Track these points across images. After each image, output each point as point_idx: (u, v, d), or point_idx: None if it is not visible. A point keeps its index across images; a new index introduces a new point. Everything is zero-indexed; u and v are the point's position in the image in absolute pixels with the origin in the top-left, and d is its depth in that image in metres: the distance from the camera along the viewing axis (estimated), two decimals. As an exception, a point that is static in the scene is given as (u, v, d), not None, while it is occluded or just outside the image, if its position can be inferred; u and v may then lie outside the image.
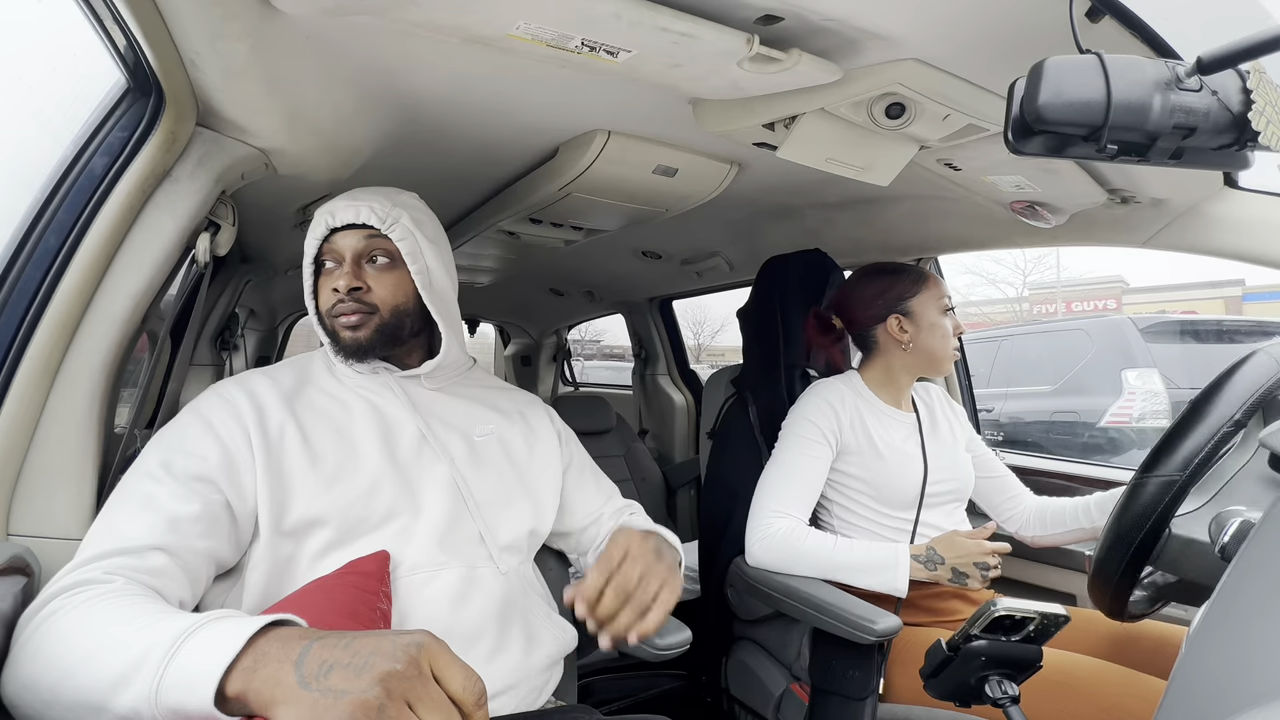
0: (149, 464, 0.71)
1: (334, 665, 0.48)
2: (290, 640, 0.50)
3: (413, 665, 0.48)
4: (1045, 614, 0.72)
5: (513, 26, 0.68)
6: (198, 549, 0.68)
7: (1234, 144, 0.58)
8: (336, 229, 0.85)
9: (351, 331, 0.84)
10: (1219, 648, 0.53)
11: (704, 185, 1.25)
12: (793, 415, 1.26)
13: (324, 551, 0.75)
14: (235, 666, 0.49)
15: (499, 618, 0.81)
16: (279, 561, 0.74)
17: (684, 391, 2.64)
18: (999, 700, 0.72)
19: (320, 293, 0.87)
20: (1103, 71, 0.55)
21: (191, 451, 0.73)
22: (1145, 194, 1.01)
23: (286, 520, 0.74)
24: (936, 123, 0.87)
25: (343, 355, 0.85)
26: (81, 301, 0.73)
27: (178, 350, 1.32)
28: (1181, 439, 0.73)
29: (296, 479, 0.76)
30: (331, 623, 0.66)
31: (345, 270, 0.84)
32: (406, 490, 0.81)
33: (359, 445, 0.81)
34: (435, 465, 0.84)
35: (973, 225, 1.31)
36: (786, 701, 1.20)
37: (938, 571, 1.09)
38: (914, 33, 0.71)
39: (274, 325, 2.75)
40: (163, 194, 0.78)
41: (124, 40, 0.70)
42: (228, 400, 0.78)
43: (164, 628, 0.53)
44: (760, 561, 1.16)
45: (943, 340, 1.22)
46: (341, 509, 0.76)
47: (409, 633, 0.51)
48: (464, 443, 0.89)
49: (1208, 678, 0.53)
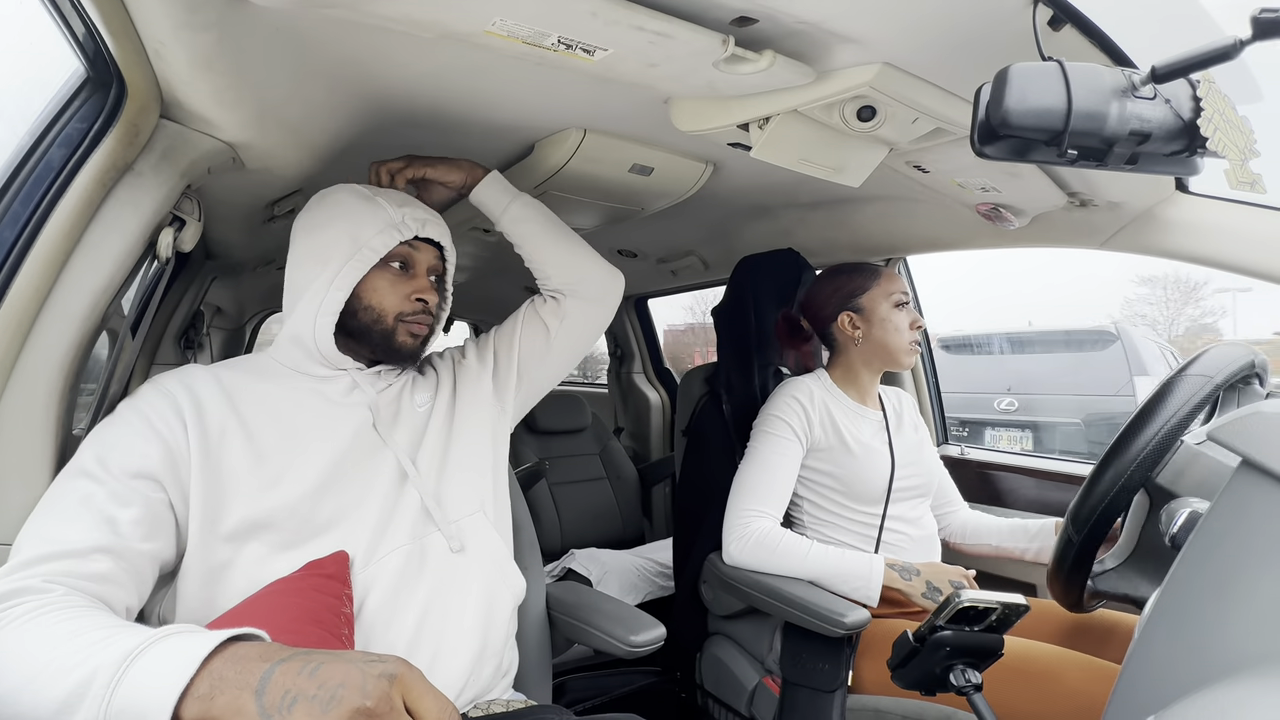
0: (85, 462, 0.67)
1: (298, 697, 0.45)
2: (249, 662, 0.47)
3: (384, 701, 0.45)
4: (1007, 604, 0.74)
5: (489, 23, 0.67)
6: (141, 550, 0.65)
7: (1185, 150, 0.61)
8: (420, 238, 0.87)
9: (414, 339, 0.87)
10: (1170, 632, 0.55)
11: (680, 184, 1.26)
12: (763, 413, 1.28)
13: (270, 555, 0.72)
14: (189, 693, 0.46)
15: (452, 581, 0.80)
16: (213, 568, 0.70)
17: (659, 390, 2.65)
18: (963, 688, 0.74)
19: (381, 291, 0.85)
20: (1064, 78, 0.57)
21: (130, 448, 0.69)
22: (1102, 198, 1.05)
23: (224, 524, 0.71)
24: (906, 126, 0.89)
25: (385, 355, 0.86)
26: (38, 298, 0.71)
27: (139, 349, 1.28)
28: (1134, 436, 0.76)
29: (238, 480, 0.73)
30: (295, 629, 0.64)
31: (424, 282, 0.88)
32: (354, 482, 0.79)
33: (309, 444, 0.79)
34: (383, 452, 0.83)
35: (940, 226, 1.34)
36: (759, 695, 1.22)
37: (912, 583, 1.11)
38: (884, 37, 0.73)
39: (241, 323, 2.68)
40: (124, 188, 0.76)
41: (83, 29, 0.68)
42: (166, 394, 0.74)
43: (112, 646, 0.50)
44: (737, 561, 1.17)
45: (895, 334, 1.25)
46: (289, 509, 0.74)
47: (381, 660, 0.48)
48: (408, 421, 0.88)
49: (1160, 661, 0.55)
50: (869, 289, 1.27)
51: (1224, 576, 0.52)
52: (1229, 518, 0.53)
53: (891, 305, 1.26)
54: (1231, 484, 0.54)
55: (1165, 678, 0.54)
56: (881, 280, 1.28)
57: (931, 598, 1.10)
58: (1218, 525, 0.54)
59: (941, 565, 1.16)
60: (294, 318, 0.85)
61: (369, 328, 0.85)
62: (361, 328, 0.85)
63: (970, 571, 1.16)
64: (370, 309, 0.85)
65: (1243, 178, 0.59)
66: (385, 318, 0.85)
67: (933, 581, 1.11)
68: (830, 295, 1.31)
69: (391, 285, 0.85)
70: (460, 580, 0.81)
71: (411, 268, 0.88)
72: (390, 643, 0.74)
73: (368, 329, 0.85)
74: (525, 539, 1.05)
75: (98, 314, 0.76)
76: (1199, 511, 0.70)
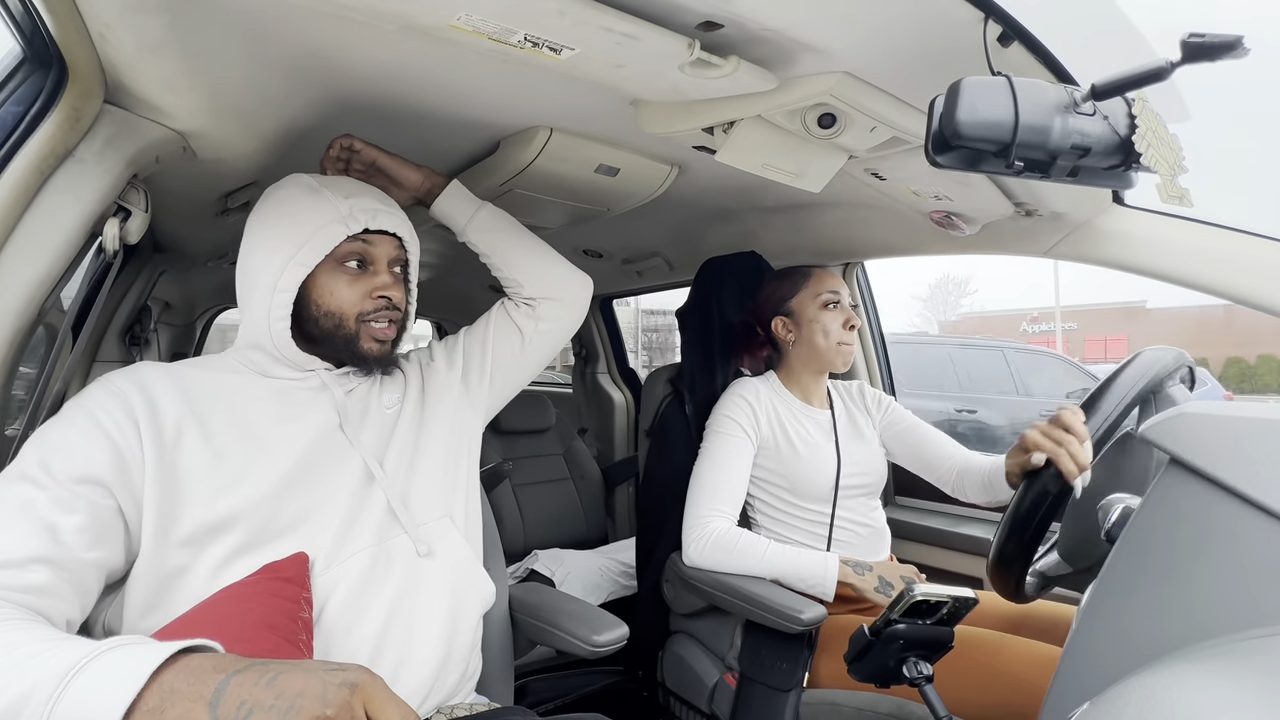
0: (26, 465, 0.63)
1: (255, 707, 0.43)
2: (203, 674, 0.45)
3: (345, 709, 0.44)
4: (957, 597, 0.77)
5: (454, 17, 0.67)
6: (85, 560, 0.61)
7: (1121, 165, 0.64)
8: (371, 231, 0.81)
9: (380, 344, 0.83)
10: (1105, 622, 0.58)
11: (645, 186, 1.27)
12: (714, 414, 1.30)
13: (230, 558, 0.69)
14: (137, 707, 0.43)
15: (417, 585, 0.78)
16: (167, 573, 0.67)
17: (623, 390, 2.65)
18: (915, 679, 0.77)
19: (337, 292, 0.80)
20: (1011, 93, 0.60)
21: (76, 451, 0.64)
22: (1046, 208, 1.10)
23: (179, 528, 0.67)
24: (864, 134, 0.91)
25: (350, 361, 0.82)
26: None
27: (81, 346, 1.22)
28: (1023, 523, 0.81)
29: (194, 481, 0.69)
30: (250, 636, 0.62)
31: (385, 277, 0.83)
32: (319, 484, 0.76)
33: (269, 443, 0.75)
34: (349, 452, 0.80)
35: (896, 233, 1.38)
36: (719, 691, 1.24)
37: (865, 578, 1.14)
38: (845, 47, 0.75)
39: (191, 320, 2.58)
40: (64, 175, 0.72)
41: (19, 6, 0.64)
42: (116, 393, 0.69)
43: (52, 659, 0.47)
44: (696, 563, 1.19)
45: (822, 336, 1.28)
46: (249, 510, 0.70)
47: (342, 669, 0.47)
48: (375, 422, 0.85)
49: (1096, 648, 0.59)
50: (798, 292, 1.32)
51: (1154, 568, 0.56)
52: (1159, 513, 0.57)
53: (819, 306, 1.29)
54: (1160, 481, 0.57)
55: (1101, 664, 0.57)
56: (810, 283, 1.31)
57: (884, 592, 1.13)
58: (1148, 520, 0.57)
59: (893, 563, 1.20)
60: (247, 322, 0.81)
61: (330, 334, 0.80)
62: (323, 334, 0.80)
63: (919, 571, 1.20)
64: (330, 314, 0.80)
65: (1172, 192, 0.63)
66: (346, 321, 0.81)
67: (885, 577, 1.15)
68: (766, 300, 1.36)
69: (349, 285, 0.80)
70: (427, 585, 0.79)
71: (370, 263, 0.82)
72: (352, 650, 0.72)
73: (329, 335, 0.80)
74: (488, 540, 1.04)
75: (34, 308, 0.72)
76: (1131, 507, 0.74)
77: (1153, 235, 1.02)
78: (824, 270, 1.34)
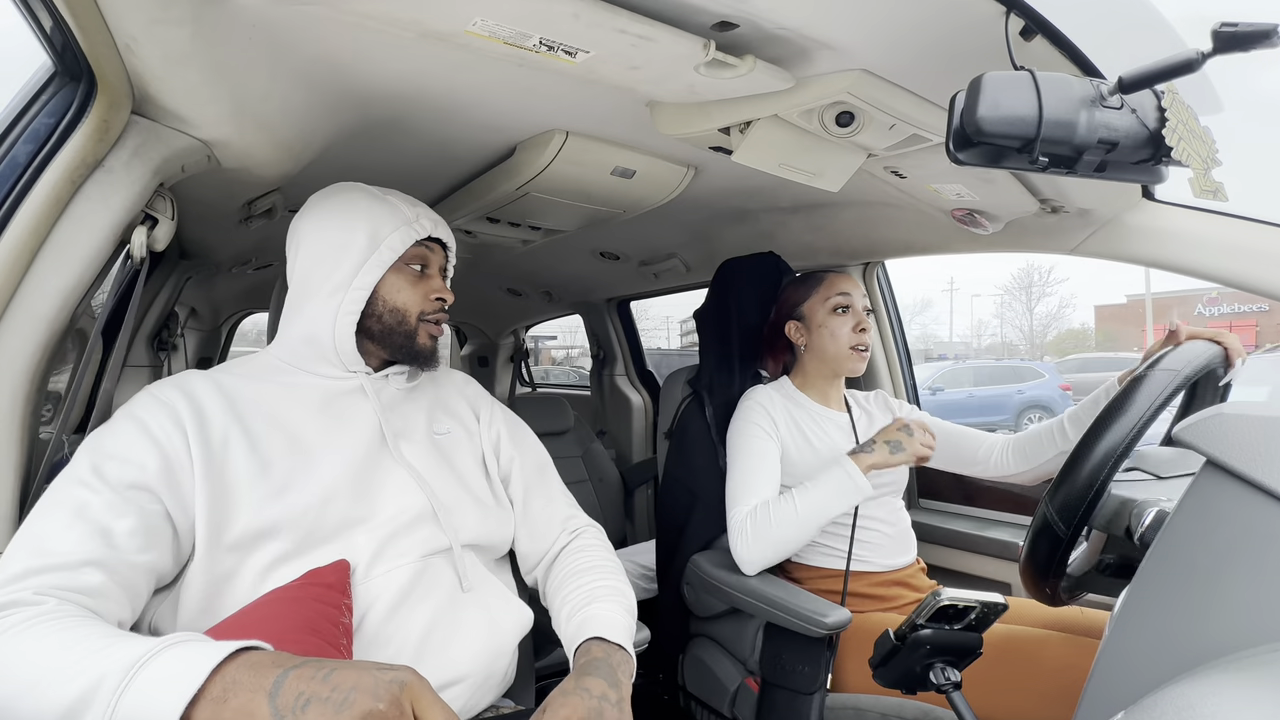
0: (80, 470, 0.66)
1: (311, 699, 0.45)
2: (262, 667, 0.48)
3: (395, 705, 0.46)
4: (986, 603, 0.76)
5: (469, 23, 0.67)
6: (136, 563, 0.63)
7: (1150, 159, 0.63)
8: (431, 238, 0.87)
9: (433, 341, 0.88)
10: (1140, 627, 0.57)
11: (661, 188, 1.27)
12: (733, 426, 1.29)
13: (275, 564, 0.70)
14: (201, 697, 0.46)
15: (456, 608, 0.79)
16: (217, 577, 0.69)
17: (641, 392, 2.65)
18: (942, 686, 0.75)
19: (403, 291, 0.85)
20: (1035, 87, 0.59)
21: (127, 458, 0.67)
22: (1072, 204, 1.07)
23: (229, 534, 0.69)
24: (883, 132, 0.90)
25: (404, 356, 0.86)
26: (2, 299, 0.69)
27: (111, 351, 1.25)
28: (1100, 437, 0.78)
29: (242, 489, 0.71)
30: (293, 639, 0.63)
31: (440, 281, 0.89)
32: (365, 495, 0.78)
33: (314, 451, 0.77)
34: (395, 467, 0.82)
35: (917, 231, 1.36)
36: (741, 696, 1.23)
37: (877, 452, 1.14)
38: (862, 44, 0.74)
39: (217, 325, 2.63)
40: (94, 185, 0.74)
41: (50, 21, 0.66)
42: (164, 403, 0.72)
43: (116, 653, 0.49)
44: (755, 560, 1.14)
45: (831, 340, 1.27)
46: (294, 519, 0.72)
47: (392, 668, 0.49)
48: (425, 442, 0.87)
49: (1130, 657, 0.57)
50: (810, 297, 1.31)
51: (1191, 573, 0.54)
52: (1195, 516, 0.55)
53: (829, 311, 1.28)
54: (1196, 483, 0.55)
55: (1136, 673, 0.55)
56: (821, 287, 1.30)
57: (897, 451, 1.13)
58: (1184, 523, 0.56)
59: (883, 428, 1.18)
60: (305, 318, 0.83)
61: (392, 329, 0.85)
62: (384, 329, 0.84)
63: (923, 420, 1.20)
64: (395, 310, 0.85)
65: (1206, 186, 0.61)
66: (409, 318, 0.85)
67: (889, 440, 1.15)
68: (781, 305, 1.36)
69: (412, 285, 0.86)
70: (466, 609, 0.79)
71: (428, 267, 0.88)
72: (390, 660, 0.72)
73: (391, 330, 0.85)
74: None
75: (66, 315, 0.74)
76: (1166, 510, 0.72)
77: (1187, 231, 0.99)
78: (837, 274, 1.32)
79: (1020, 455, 1.26)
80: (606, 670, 0.71)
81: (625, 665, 0.75)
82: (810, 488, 1.14)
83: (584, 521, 1.00)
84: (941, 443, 1.33)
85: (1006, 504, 1.58)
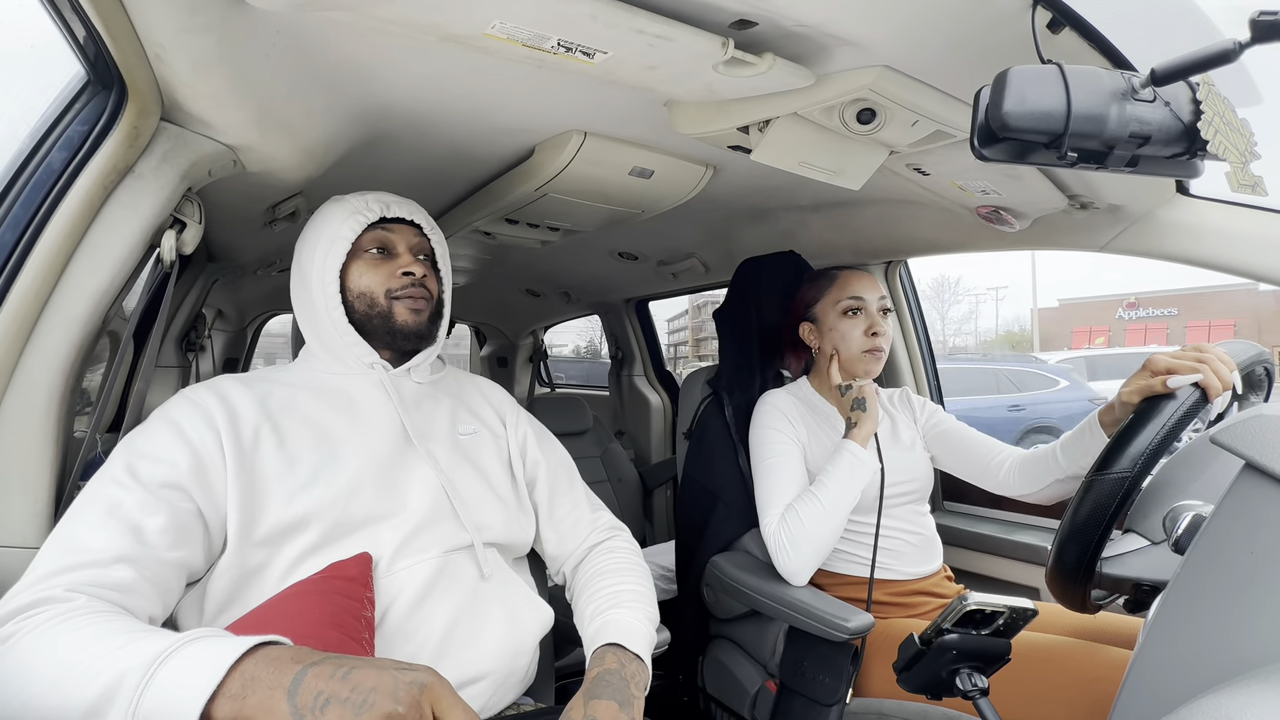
0: (114, 470, 0.68)
1: (331, 698, 0.46)
2: (281, 664, 0.48)
3: (415, 708, 0.46)
4: (1014, 608, 0.74)
5: (488, 25, 0.67)
6: (167, 560, 0.65)
7: (1185, 153, 0.61)
8: (389, 220, 0.88)
9: (415, 315, 0.87)
10: (1175, 637, 0.55)
11: (680, 187, 1.26)
12: (754, 431, 1.28)
13: (302, 557, 0.72)
14: (221, 692, 0.46)
15: (478, 605, 0.79)
16: (247, 570, 0.71)
17: (660, 392, 2.65)
18: (969, 692, 0.73)
19: (365, 275, 0.86)
20: (1063, 81, 0.57)
21: (160, 457, 0.69)
22: (1103, 200, 1.05)
23: (259, 528, 0.71)
24: (906, 128, 0.89)
25: (390, 339, 0.87)
26: (38, 301, 0.71)
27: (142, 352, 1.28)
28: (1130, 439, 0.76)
29: (271, 484, 0.73)
30: (315, 633, 0.64)
31: (406, 258, 0.88)
32: (390, 490, 0.79)
33: (340, 446, 0.79)
34: (419, 464, 0.83)
35: (941, 229, 1.34)
36: (761, 699, 1.22)
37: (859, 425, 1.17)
38: (884, 40, 0.73)
39: (243, 326, 2.68)
40: (125, 190, 0.76)
41: (84, 31, 0.68)
42: (198, 404, 0.75)
43: (139, 649, 0.50)
44: (799, 569, 1.12)
45: (843, 342, 1.25)
46: (320, 513, 0.74)
47: (411, 669, 0.49)
48: (448, 441, 0.88)
49: (1165, 665, 0.55)
50: (821, 298, 1.29)
51: (1229, 580, 0.52)
52: (1233, 521, 0.53)
53: (839, 314, 1.26)
54: (1235, 487, 0.53)
55: (1170, 682, 0.54)
56: (832, 288, 1.28)
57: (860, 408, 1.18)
58: (1222, 528, 0.54)
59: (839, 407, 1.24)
60: (310, 324, 0.89)
61: (369, 314, 0.86)
62: (364, 317, 0.86)
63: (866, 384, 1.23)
64: (363, 295, 0.86)
65: (1244, 180, 0.59)
66: (378, 299, 0.86)
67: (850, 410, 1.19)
68: (795, 305, 1.35)
69: (374, 269, 0.87)
70: (488, 606, 0.80)
71: (390, 249, 0.88)
72: (411, 655, 0.73)
73: (368, 316, 0.86)
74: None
75: (99, 316, 0.76)
76: (1203, 515, 0.69)
77: (1223, 226, 0.96)
78: (851, 273, 1.29)
79: (1025, 477, 1.20)
80: (619, 686, 0.71)
81: (639, 677, 0.75)
82: (826, 480, 1.14)
83: (615, 522, 1.01)
84: (952, 447, 1.31)
85: (1034, 507, 1.54)
